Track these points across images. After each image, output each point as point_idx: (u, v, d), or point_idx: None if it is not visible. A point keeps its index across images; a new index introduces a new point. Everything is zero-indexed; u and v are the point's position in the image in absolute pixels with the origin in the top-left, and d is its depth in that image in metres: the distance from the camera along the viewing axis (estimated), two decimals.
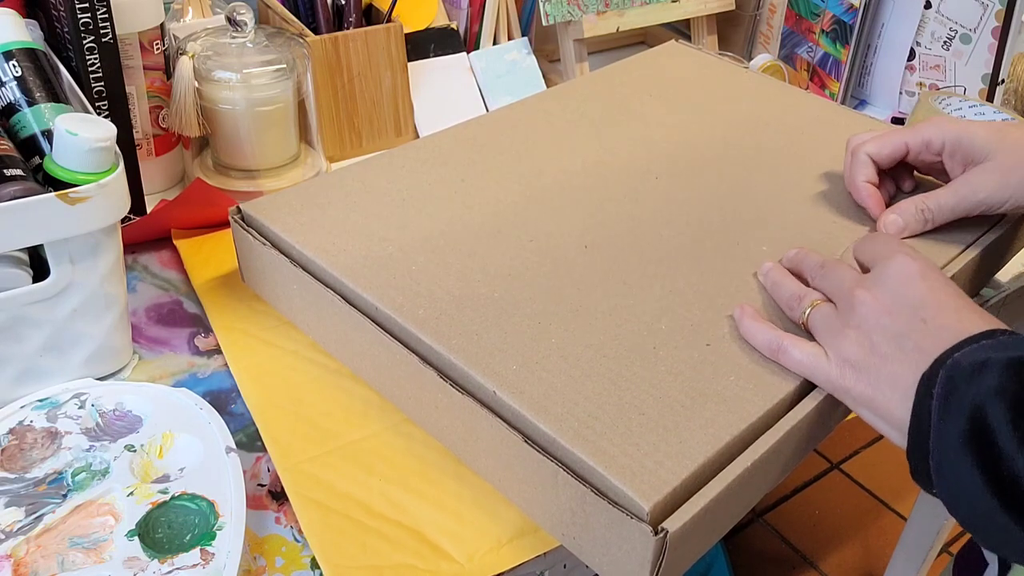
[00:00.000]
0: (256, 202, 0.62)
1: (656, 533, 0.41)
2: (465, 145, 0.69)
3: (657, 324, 0.52)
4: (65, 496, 0.48)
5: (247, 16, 0.72)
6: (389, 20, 0.83)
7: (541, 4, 0.93)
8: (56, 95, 0.57)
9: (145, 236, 0.69)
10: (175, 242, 0.69)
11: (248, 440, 0.54)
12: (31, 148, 0.55)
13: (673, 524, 0.41)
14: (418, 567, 0.47)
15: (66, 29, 0.62)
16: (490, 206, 0.62)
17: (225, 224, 0.69)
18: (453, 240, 0.58)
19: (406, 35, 0.84)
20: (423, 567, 0.47)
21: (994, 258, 0.64)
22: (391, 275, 0.55)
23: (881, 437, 1.86)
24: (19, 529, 0.46)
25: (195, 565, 0.44)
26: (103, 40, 0.62)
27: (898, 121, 0.94)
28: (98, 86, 0.63)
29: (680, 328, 0.52)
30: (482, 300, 0.53)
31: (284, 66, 0.73)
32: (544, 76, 0.96)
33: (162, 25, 0.72)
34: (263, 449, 0.54)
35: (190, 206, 0.67)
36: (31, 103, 0.56)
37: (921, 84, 0.96)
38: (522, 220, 0.61)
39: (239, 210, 0.62)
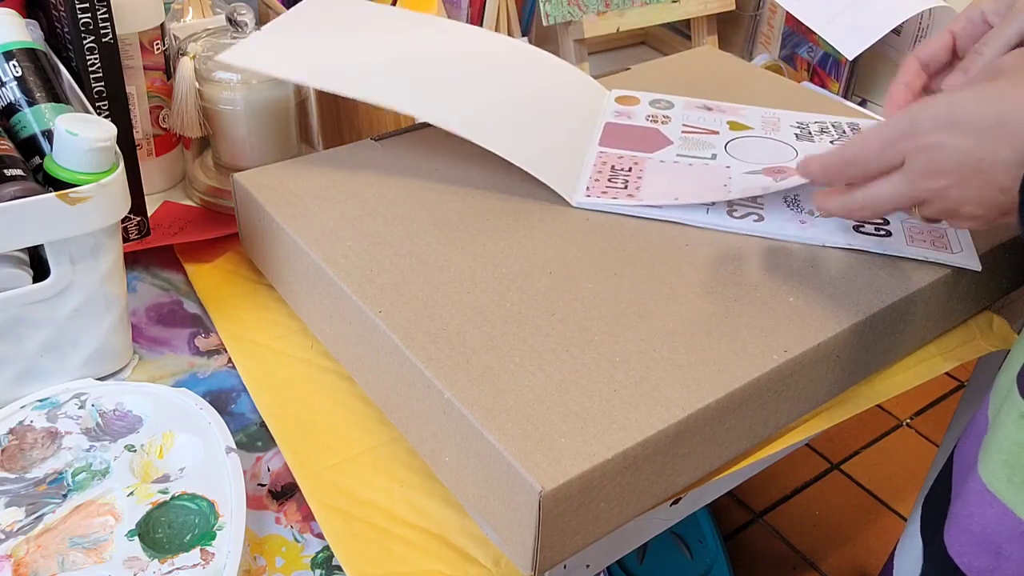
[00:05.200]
0: (248, 173, 0.65)
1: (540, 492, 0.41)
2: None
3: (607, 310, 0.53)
4: (65, 496, 0.48)
5: (247, 16, 0.72)
6: None
7: (541, 4, 0.93)
8: (56, 95, 0.57)
9: (148, 246, 0.69)
10: (178, 254, 0.69)
11: (248, 440, 0.54)
12: (31, 148, 0.55)
13: (549, 483, 0.42)
14: (445, 572, 0.47)
15: (66, 29, 0.62)
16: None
17: (228, 235, 0.69)
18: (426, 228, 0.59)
19: None
20: (450, 572, 0.47)
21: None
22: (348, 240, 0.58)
23: (881, 437, 1.84)
24: (19, 529, 0.46)
25: (195, 565, 0.44)
26: (103, 40, 0.62)
27: None
28: (98, 86, 0.63)
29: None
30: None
31: None
32: None
33: (162, 25, 0.72)
34: (263, 449, 0.54)
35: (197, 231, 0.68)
36: (31, 103, 0.56)
37: None
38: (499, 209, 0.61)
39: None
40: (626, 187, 0.63)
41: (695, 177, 0.64)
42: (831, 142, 0.68)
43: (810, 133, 0.70)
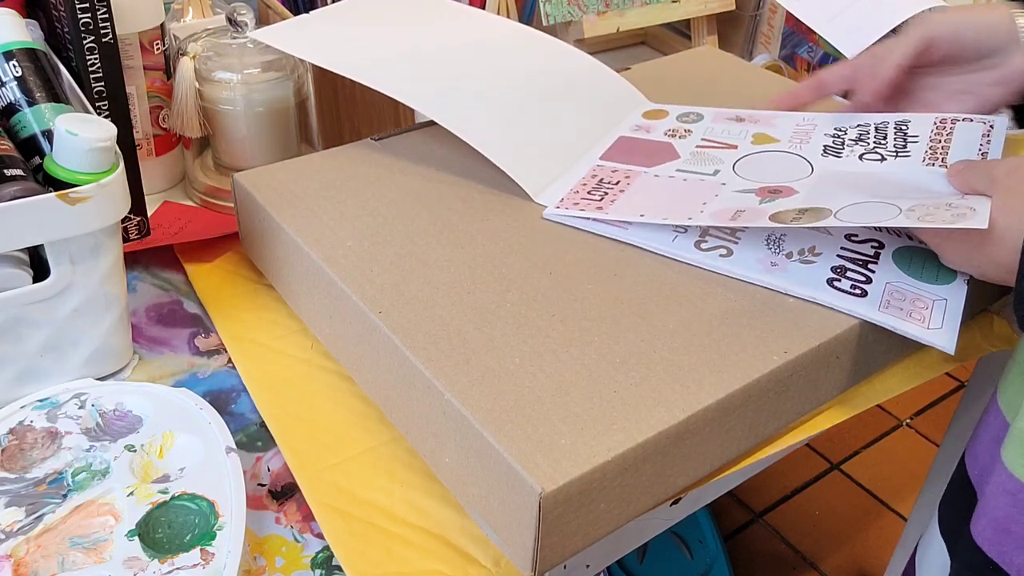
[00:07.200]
0: (248, 173, 0.64)
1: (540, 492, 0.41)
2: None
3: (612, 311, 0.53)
4: (65, 496, 0.48)
5: (247, 16, 0.72)
6: None
7: (541, 4, 0.93)
8: (56, 95, 0.57)
9: (148, 245, 0.69)
10: (178, 254, 0.69)
11: (248, 440, 0.54)
12: (31, 148, 0.55)
13: (549, 485, 0.41)
14: (445, 572, 0.47)
15: (66, 29, 0.62)
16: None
17: (228, 235, 0.69)
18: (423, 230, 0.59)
19: None
20: (450, 572, 0.47)
21: None
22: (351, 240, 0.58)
23: (881, 437, 1.84)
24: (19, 529, 0.46)
25: (195, 565, 0.44)
26: (103, 40, 0.62)
27: None
28: (98, 86, 0.63)
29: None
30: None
31: (285, 67, 0.73)
32: None
33: (162, 25, 0.72)
34: (263, 449, 0.54)
35: (198, 230, 0.69)
36: (31, 103, 0.56)
37: None
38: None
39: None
40: (601, 200, 0.61)
41: (679, 194, 0.62)
42: (860, 156, 0.63)
43: (843, 143, 0.65)
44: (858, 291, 0.54)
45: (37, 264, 0.54)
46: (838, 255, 0.57)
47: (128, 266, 0.60)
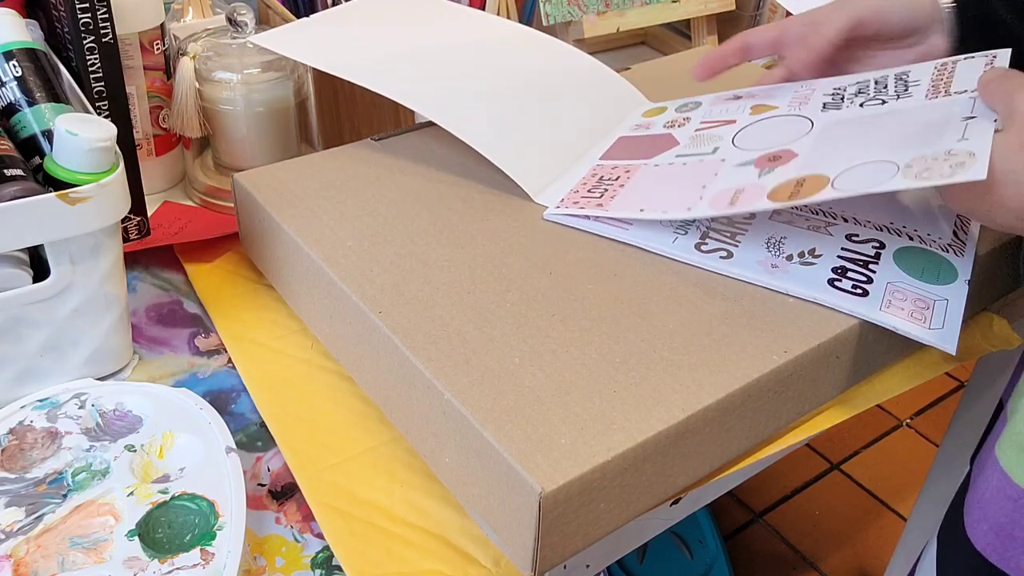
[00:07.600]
0: (248, 173, 0.65)
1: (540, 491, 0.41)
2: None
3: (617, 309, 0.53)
4: (65, 496, 0.48)
5: (247, 16, 0.72)
6: None
7: (541, 4, 0.93)
8: (56, 95, 0.57)
9: (148, 245, 0.69)
10: (178, 254, 0.69)
11: (248, 440, 0.54)
12: (31, 148, 0.55)
13: (549, 485, 0.41)
14: (445, 572, 0.47)
15: (66, 29, 0.62)
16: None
17: (228, 235, 0.69)
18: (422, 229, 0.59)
19: None
20: (450, 572, 0.47)
21: None
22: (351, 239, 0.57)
23: (881, 437, 1.84)
24: (19, 529, 0.46)
25: (195, 565, 0.44)
26: (103, 40, 0.62)
27: None
28: (98, 86, 0.63)
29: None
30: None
31: (284, 67, 0.73)
32: None
33: (162, 25, 0.72)
34: (263, 449, 0.54)
35: (198, 230, 0.69)
36: (31, 103, 0.56)
37: None
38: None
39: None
40: (601, 197, 0.61)
41: (678, 180, 0.61)
42: (861, 105, 0.61)
43: (843, 98, 0.63)
44: (859, 291, 0.54)
45: (37, 264, 0.54)
46: (838, 256, 0.57)
47: (128, 266, 0.60)
